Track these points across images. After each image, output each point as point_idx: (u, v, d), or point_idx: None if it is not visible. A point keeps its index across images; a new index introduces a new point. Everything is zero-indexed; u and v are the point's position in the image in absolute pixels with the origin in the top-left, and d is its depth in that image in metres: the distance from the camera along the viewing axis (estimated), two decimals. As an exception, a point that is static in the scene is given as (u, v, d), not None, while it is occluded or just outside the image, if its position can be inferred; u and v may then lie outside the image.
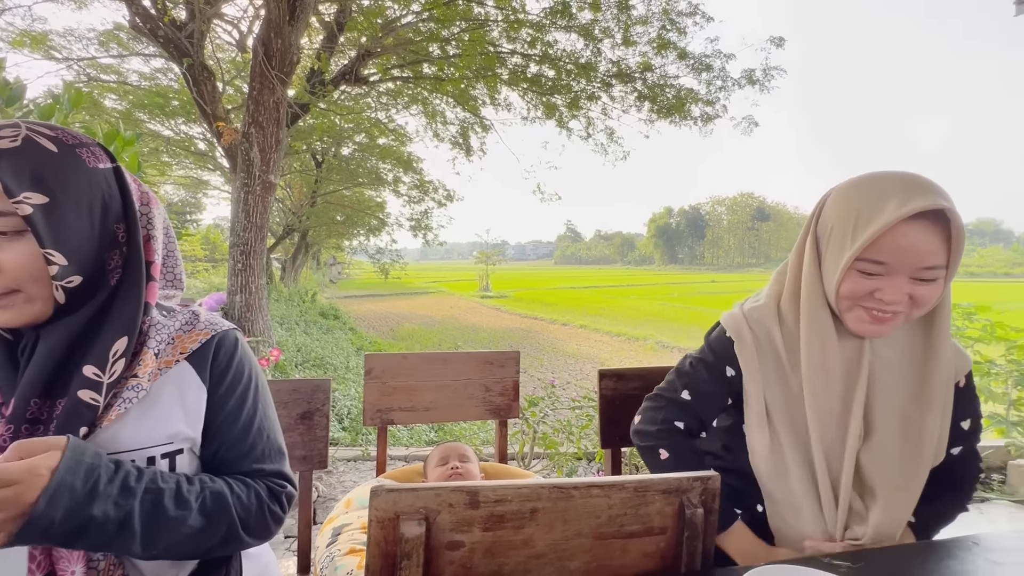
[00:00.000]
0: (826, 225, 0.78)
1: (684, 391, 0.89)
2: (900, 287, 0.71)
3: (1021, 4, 2.75)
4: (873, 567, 0.66)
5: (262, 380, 0.76)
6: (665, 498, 0.62)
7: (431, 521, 0.53)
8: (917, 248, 0.69)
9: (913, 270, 0.71)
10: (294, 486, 0.72)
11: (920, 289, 0.72)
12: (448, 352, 1.41)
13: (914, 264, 0.70)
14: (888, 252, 0.71)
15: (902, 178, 0.72)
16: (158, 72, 10.02)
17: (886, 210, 0.69)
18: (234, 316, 5.78)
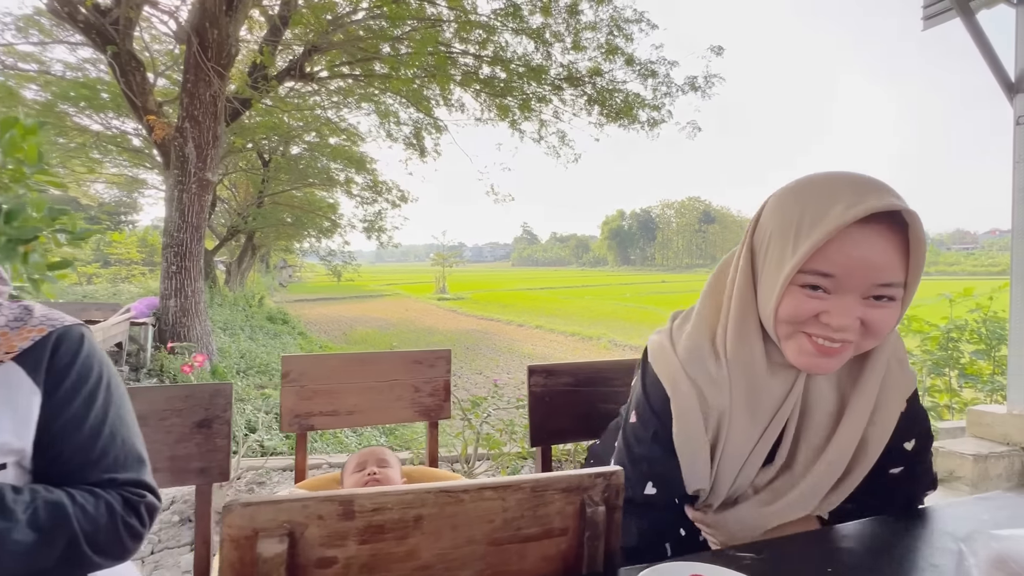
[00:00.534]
0: (763, 235, 0.66)
1: (648, 484, 0.72)
2: (850, 308, 0.59)
3: (929, 20, 2.95)
4: (776, 557, 0.65)
5: (116, 381, 0.68)
6: (565, 497, 0.59)
7: (296, 536, 0.48)
8: (870, 260, 0.57)
9: (866, 287, 0.59)
10: (157, 496, 0.65)
11: (874, 313, 0.59)
12: (373, 352, 1.35)
13: (867, 279, 0.58)
14: (837, 263, 0.58)
15: (851, 178, 0.60)
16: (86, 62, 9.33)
17: (833, 212, 0.58)
18: (168, 321, 5.43)
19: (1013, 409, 2.73)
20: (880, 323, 0.60)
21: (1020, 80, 2.65)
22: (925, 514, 0.76)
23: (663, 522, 0.74)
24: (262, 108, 8.92)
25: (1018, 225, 2.66)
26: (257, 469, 2.59)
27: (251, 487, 2.40)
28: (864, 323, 0.60)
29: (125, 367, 4.79)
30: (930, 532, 0.70)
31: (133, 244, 16.53)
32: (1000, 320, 3.90)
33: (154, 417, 0.93)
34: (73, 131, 10.21)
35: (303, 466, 1.27)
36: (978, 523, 0.73)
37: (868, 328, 0.60)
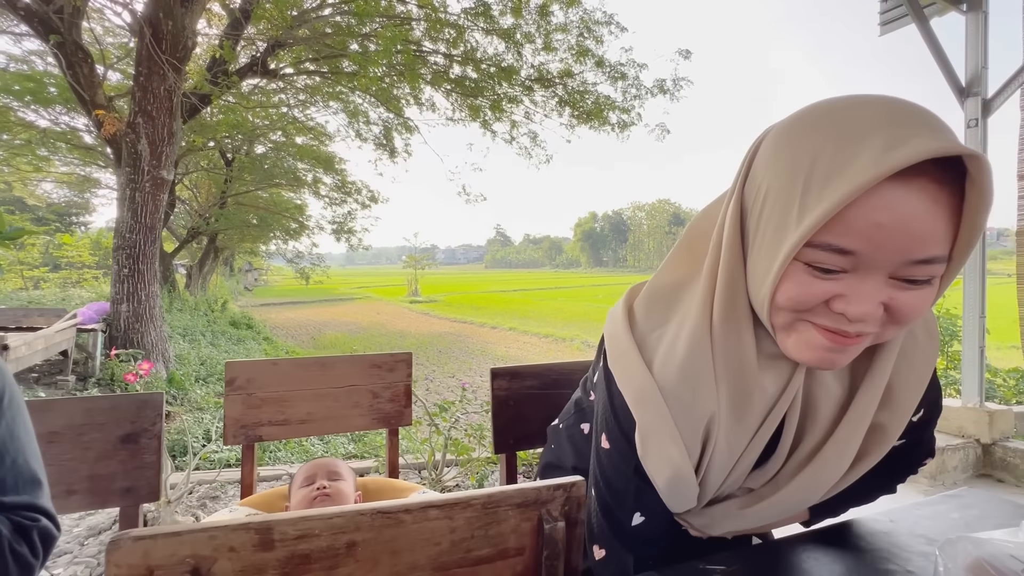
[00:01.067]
0: (757, 190, 0.48)
1: (636, 515, 0.60)
2: (874, 293, 0.43)
3: (885, 25, 3.05)
4: (748, 569, 0.61)
5: (12, 394, 0.60)
6: (521, 513, 0.54)
7: (203, 573, 0.41)
8: (909, 228, 0.40)
9: (897, 264, 0.42)
10: (54, 522, 0.58)
11: (903, 297, 0.44)
12: (328, 356, 1.27)
13: (901, 255, 0.42)
14: (862, 235, 0.41)
15: (889, 108, 0.42)
16: (32, 54, 8.83)
17: (860, 161, 0.40)
18: (119, 327, 5.14)
19: (967, 403, 2.83)
20: (910, 309, 0.44)
21: (970, 85, 2.75)
22: (896, 517, 0.73)
23: (656, 547, 0.63)
24: (223, 105, 8.61)
25: (969, 225, 2.76)
26: (210, 483, 2.45)
27: (203, 502, 2.26)
28: (889, 309, 0.44)
29: (71, 376, 4.50)
30: (903, 536, 0.68)
31: (85, 246, 15.71)
32: (953, 317, 4.06)
33: (71, 432, 0.84)
34: (17, 127, 9.62)
35: (250, 480, 1.18)
36: (949, 523, 0.71)
37: (893, 315, 0.45)
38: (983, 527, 0.67)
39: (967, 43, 2.79)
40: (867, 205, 0.40)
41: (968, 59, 2.77)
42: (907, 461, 0.69)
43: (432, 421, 2.59)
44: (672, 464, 0.56)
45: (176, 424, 3.44)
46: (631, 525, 0.60)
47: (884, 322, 0.46)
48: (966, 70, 2.77)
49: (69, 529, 2.06)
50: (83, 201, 18.21)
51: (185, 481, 2.10)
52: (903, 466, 0.70)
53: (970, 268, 2.75)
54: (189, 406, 4.42)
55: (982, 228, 0.42)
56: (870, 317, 0.44)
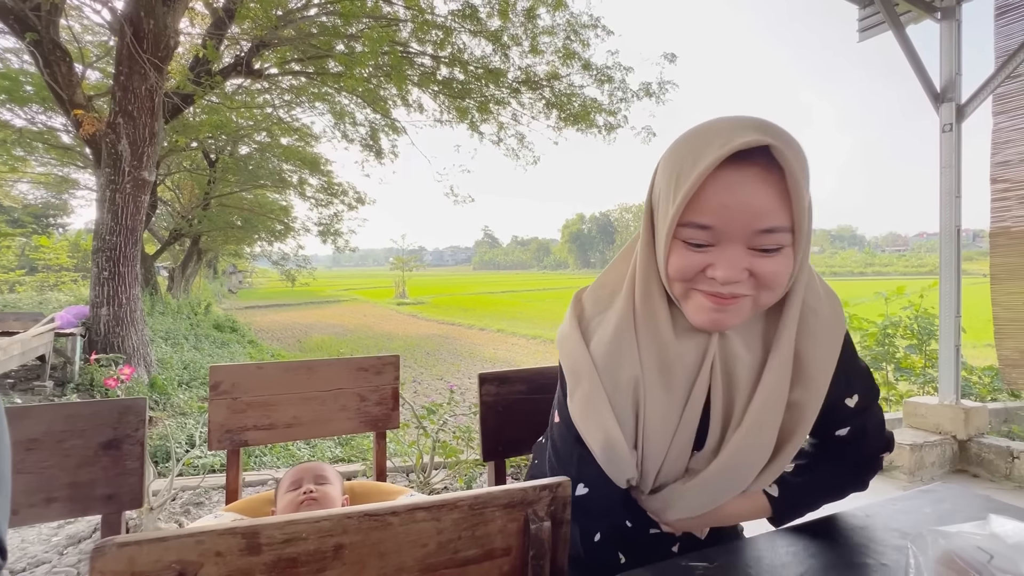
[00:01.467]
0: (656, 192, 0.61)
1: (579, 486, 0.67)
2: (736, 260, 0.55)
3: (864, 32, 3.12)
4: (728, 564, 0.63)
5: None
6: (508, 513, 0.54)
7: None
8: (747, 203, 0.53)
9: (749, 235, 0.54)
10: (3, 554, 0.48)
11: (763, 263, 0.55)
12: (314, 360, 1.26)
13: (748, 226, 0.54)
14: (713, 211, 0.54)
15: (730, 119, 0.55)
16: (8, 52, 8.61)
17: (705, 154, 0.53)
18: (99, 331, 5.04)
19: (944, 400, 2.90)
20: (771, 274, 0.56)
21: (945, 90, 2.83)
22: (872, 511, 0.76)
23: (603, 524, 0.69)
24: (207, 105, 8.50)
25: (945, 227, 2.83)
26: (194, 489, 2.41)
27: (187, 509, 2.23)
28: (754, 274, 0.56)
29: (49, 382, 4.40)
30: (878, 530, 0.70)
31: (63, 249, 15.35)
32: (930, 316, 4.16)
33: (51, 439, 0.82)
34: (-9, 125, 9.39)
35: (236, 486, 1.16)
36: (922, 517, 0.73)
37: (759, 279, 0.56)
38: (954, 520, 0.69)
39: (941, 50, 2.86)
40: (714, 188, 0.54)
41: (943, 66, 2.84)
42: (861, 452, 0.72)
43: (420, 424, 2.59)
44: (604, 429, 0.63)
45: (159, 429, 3.38)
46: (575, 495, 0.66)
47: (755, 286, 0.57)
48: (941, 76, 2.85)
49: (47, 538, 2.02)
50: (61, 202, 17.79)
51: (168, 487, 2.07)
52: (861, 459, 0.73)
53: (946, 269, 2.83)
54: (172, 411, 4.35)
55: (802, 201, 0.54)
56: (735, 279, 0.55)
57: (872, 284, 7.23)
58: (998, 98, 2.84)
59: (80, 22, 7.81)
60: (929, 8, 2.87)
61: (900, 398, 3.95)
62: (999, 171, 2.87)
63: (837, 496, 0.74)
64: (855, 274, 69.18)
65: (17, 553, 1.92)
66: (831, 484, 0.74)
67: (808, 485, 0.72)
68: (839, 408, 0.69)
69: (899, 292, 4.42)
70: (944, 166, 2.83)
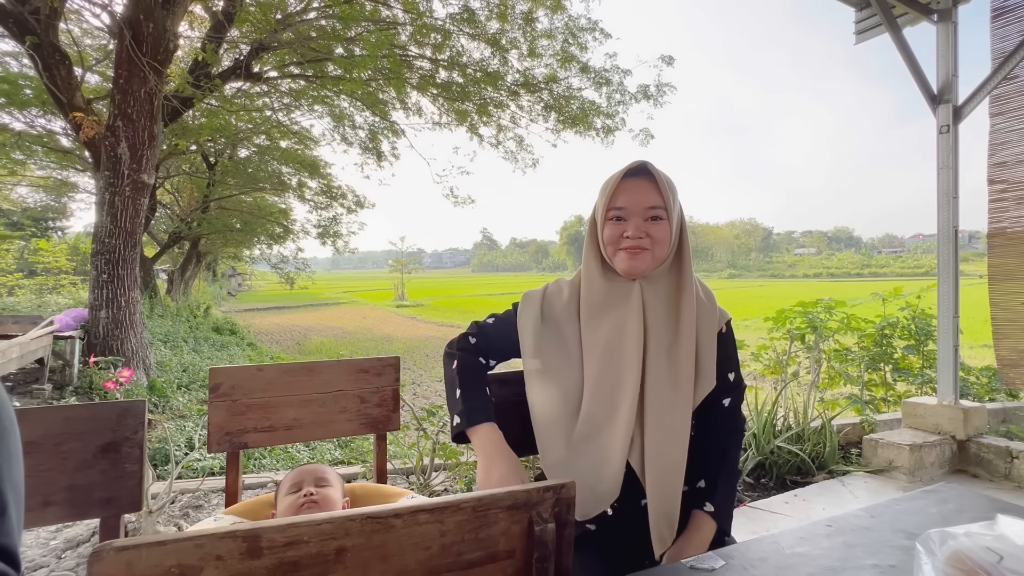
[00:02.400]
0: (596, 205, 0.97)
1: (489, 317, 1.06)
2: (638, 226, 0.89)
3: (860, 34, 3.13)
4: (735, 566, 0.62)
5: None
6: (511, 515, 0.54)
7: (189, 582, 0.40)
8: (638, 194, 0.90)
9: (642, 211, 0.89)
10: (14, 562, 0.46)
11: (653, 228, 0.89)
12: (314, 362, 1.25)
13: (641, 206, 0.89)
14: (622, 200, 0.91)
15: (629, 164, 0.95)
16: (7, 55, 8.61)
17: (617, 174, 0.93)
18: (98, 334, 5.02)
19: (942, 400, 2.90)
20: (658, 232, 0.90)
21: (942, 92, 2.83)
22: (876, 512, 0.75)
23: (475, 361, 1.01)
24: (206, 108, 8.49)
25: (942, 227, 2.84)
26: (193, 491, 2.40)
27: (186, 512, 2.21)
28: (649, 235, 0.89)
29: (48, 385, 4.38)
30: (884, 531, 0.70)
31: (62, 252, 15.32)
32: (928, 317, 4.16)
33: (48, 442, 0.82)
34: (-9, 129, 9.37)
35: (235, 488, 1.16)
36: (927, 518, 0.73)
37: (653, 238, 0.89)
38: (960, 521, 0.69)
39: (938, 52, 2.87)
40: (621, 189, 0.92)
41: (939, 67, 2.85)
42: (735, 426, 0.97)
43: (420, 426, 2.58)
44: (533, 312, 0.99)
45: (158, 432, 3.37)
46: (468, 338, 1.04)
47: (651, 243, 0.90)
48: (937, 78, 2.86)
49: (46, 542, 2.00)
50: (60, 205, 17.75)
51: (167, 490, 2.06)
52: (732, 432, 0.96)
53: (943, 269, 2.83)
54: (171, 414, 4.33)
55: (668, 194, 0.90)
56: (639, 236, 0.89)
57: (869, 285, 7.21)
58: (995, 99, 2.84)
59: (79, 26, 7.82)
60: (925, 10, 2.88)
61: (898, 398, 3.95)
62: (996, 172, 2.88)
63: (736, 467, 0.96)
64: (852, 275, 69.28)
65: (14, 558, 1.91)
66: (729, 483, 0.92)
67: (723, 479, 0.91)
68: (723, 379, 0.94)
69: (896, 293, 4.43)
70: (941, 167, 2.83)
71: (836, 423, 3.08)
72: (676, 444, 0.86)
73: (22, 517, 0.49)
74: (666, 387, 0.88)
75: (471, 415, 0.90)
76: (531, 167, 7.83)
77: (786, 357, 4.08)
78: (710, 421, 0.93)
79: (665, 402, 0.87)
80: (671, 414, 0.87)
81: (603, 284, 0.94)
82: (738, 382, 0.98)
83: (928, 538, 0.51)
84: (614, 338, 0.91)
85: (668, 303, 0.92)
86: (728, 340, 0.96)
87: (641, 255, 0.89)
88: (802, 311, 4.09)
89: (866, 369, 4.12)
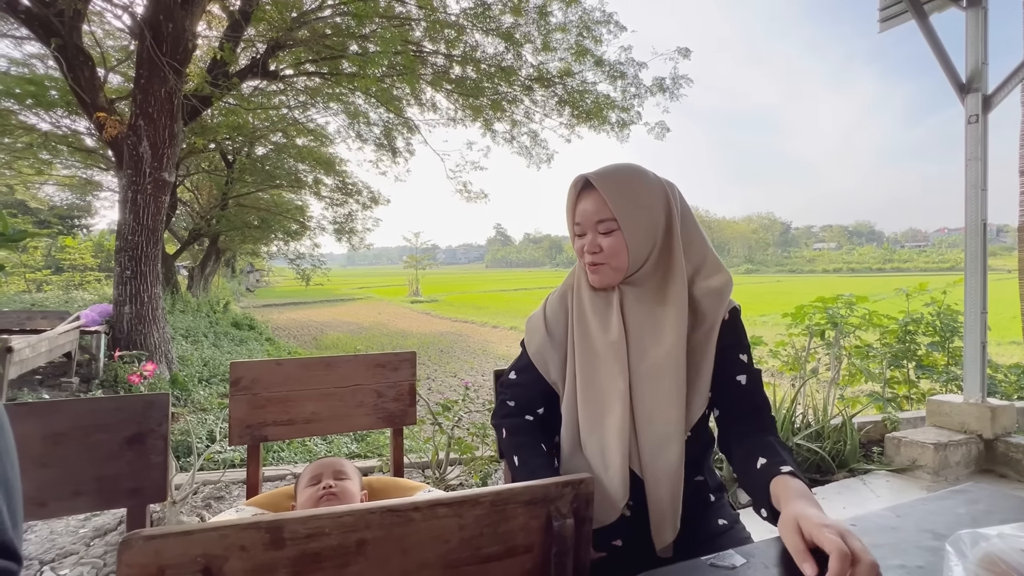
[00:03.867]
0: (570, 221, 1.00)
1: (511, 372, 1.03)
2: (593, 240, 0.90)
3: (885, 22, 3.04)
4: (756, 564, 0.61)
5: None
6: (529, 510, 0.54)
7: (214, 572, 0.41)
8: (587, 210, 0.90)
9: (594, 225, 0.90)
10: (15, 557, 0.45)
11: (605, 240, 0.89)
12: (332, 356, 1.27)
13: (591, 220, 0.89)
14: (578, 215, 0.92)
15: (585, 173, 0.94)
16: (33, 57, 8.82)
17: (572, 191, 0.94)
18: (122, 329, 5.15)
19: (969, 398, 2.82)
20: (609, 246, 0.89)
21: (971, 80, 2.74)
22: (902, 512, 0.73)
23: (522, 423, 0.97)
24: (224, 107, 8.61)
25: (970, 220, 2.75)
26: (215, 483, 2.45)
27: (208, 502, 2.27)
28: (602, 248, 0.89)
29: (75, 378, 4.51)
30: (910, 531, 0.68)
31: (87, 249, 15.70)
32: (953, 313, 4.05)
33: (78, 433, 0.84)
34: (19, 130, 9.62)
35: (256, 480, 1.18)
36: (956, 518, 0.71)
37: (606, 250, 0.89)
38: (991, 522, 0.67)
39: (967, 39, 2.78)
40: (577, 205, 0.92)
41: (968, 55, 2.76)
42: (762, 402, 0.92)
43: (435, 420, 2.59)
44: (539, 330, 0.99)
45: (180, 425, 3.45)
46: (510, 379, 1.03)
47: (606, 256, 0.89)
48: (966, 66, 2.76)
49: (75, 530, 2.07)
50: (85, 204, 18.21)
51: (190, 481, 2.10)
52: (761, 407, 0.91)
53: (971, 263, 2.75)
54: (192, 407, 4.43)
55: (618, 206, 0.87)
56: (593, 251, 0.90)
57: (892, 281, 7.06)
58: (1028, 87, 2.75)
59: (102, 27, 7.98)
60: (955, -4, 2.79)
61: (922, 396, 3.86)
62: (1029, 163, 2.78)
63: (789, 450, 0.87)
64: (873, 271, 67.71)
65: (46, 544, 1.97)
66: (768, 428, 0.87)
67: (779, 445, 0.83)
68: (735, 360, 0.91)
69: (921, 288, 4.31)
70: (969, 158, 2.74)
71: (857, 421, 3.02)
72: (670, 444, 0.85)
73: (17, 511, 0.48)
74: (653, 388, 0.86)
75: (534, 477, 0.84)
76: (545, 163, 7.79)
77: (805, 354, 4.02)
78: (731, 401, 0.90)
79: (655, 403, 0.86)
80: (663, 415, 0.85)
81: (588, 292, 0.95)
82: (751, 363, 0.94)
83: (959, 539, 0.50)
84: (598, 344, 0.91)
85: (651, 304, 0.90)
86: (734, 325, 0.93)
87: (600, 269, 0.90)
88: (822, 307, 4.01)
89: (888, 366, 4.03)
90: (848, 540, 0.57)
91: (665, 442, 0.85)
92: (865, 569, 0.54)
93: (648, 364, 0.87)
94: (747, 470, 0.80)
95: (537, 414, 0.98)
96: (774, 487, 0.73)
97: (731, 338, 0.91)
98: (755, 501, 0.77)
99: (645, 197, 0.88)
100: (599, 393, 0.89)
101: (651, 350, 0.88)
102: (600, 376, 0.89)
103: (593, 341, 0.91)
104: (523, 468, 0.89)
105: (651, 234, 0.88)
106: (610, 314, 0.91)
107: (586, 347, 0.92)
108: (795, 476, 0.73)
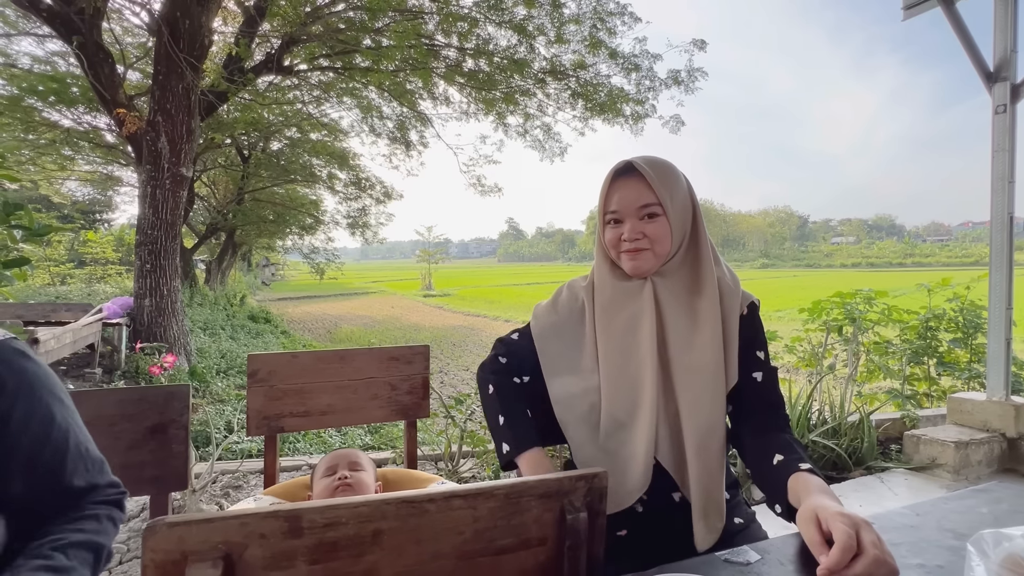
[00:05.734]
0: (597, 208, 0.98)
1: (514, 333, 1.05)
2: (633, 227, 0.88)
3: (909, 9, 2.95)
4: (772, 560, 0.61)
5: (60, 387, 0.66)
6: (543, 503, 0.54)
7: (234, 559, 0.42)
8: (628, 195, 0.88)
9: (635, 211, 0.87)
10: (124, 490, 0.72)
11: (649, 226, 0.87)
12: (347, 349, 1.28)
13: (633, 206, 0.87)
14: (615, 203, 0.90)
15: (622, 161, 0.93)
16: (55, 55, 9.00)
17: (606, 177, 0.93)
18: (143, 321, 5.27)
19: (992, 396, 2.76)
20: (654, 231, 0.87)
21: (999, 69, 2.66)
22: (922, 511, 0.72)
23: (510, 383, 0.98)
24: (240, 102, 8.70)
25: (997, 213, 2.68)
26: (233, 472, 2.50)
27: (227, 491, 2.32)
28: (646, 234, 0.87)
29: (98, 369, 4.63)
30: (930, 530, 0.67)
31: (108, 243, 16.06)
32: (977, 308, 3.95)
33: (103, 423, 0.86)
34: (42, 127, 9.84)
35: (273, 470, 1.20)
36: (978, 518, 0.70)
37: (650, 237, 0.87)
38: (1014, 522, 0.66)
39: (995, 26, 2.69)
40: (612, 192, 0.91)
41: (996, 43, 2.67)
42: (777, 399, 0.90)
43: (448, 413, 2.61)
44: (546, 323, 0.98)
45: (199, 415, 3.53)
46: (509, 337, 1.05)
47: (650, 242, 0.88)
48: (994, 54, 2.68)
49: (99, 517, 2.13)
50: (106, 199, 18.60)
51: (209, 471, 2.15)
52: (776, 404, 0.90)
53: (997, 257, 2.68)
54: (211, 398, 4.52)
55: (665, 189, 0.86)
56: (635, 238, 0.87)
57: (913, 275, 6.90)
58: (1059, 76, 2.65)
59: (120, 24, 8.09)
60: (983, -19, 2.70)
61: (942, 394, 3.78)
62: (1059, 154, 2.69)
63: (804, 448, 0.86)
64: (893, 265, 66.31)
65: (72, 530, 2.03)
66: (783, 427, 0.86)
67: (795, 442, 0.82)
68: (753, 357, 0.90)
69: (944, 284, 4.21)
70: (996, 149, 2.67)
71: (875, 418, 2.97)
72: (713, 435, 0.83)
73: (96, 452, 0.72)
74: (696, 380, 0.85)
75: (519, 442, 0.88)
76: (558, 156, 7.75)
77: (822, 349, 3.96)
78: (746, 397, 0.89)
79: (697, 393, 0.84)
80: (706, 406, 0.84)
81: (614, 284, 0.92)
82: (768, 359, 0.93)
83: (981, 539, 0.49)
84: (628, 337, 0.89)
85: (685, 294, 0.90)
86: (752, 321, 0.92)
87: (642, 255, 0.88)
88: (840, 302, 3.95)
89: (908, 363, 3.96)
90: (862, 532, 0.56)
91: (709, 433, 0.83)
92: (866, 563, 0.53)
93: (691, 355, 0.86)
94: (762, 466, 0.80)
95: (524, 380, 0.99)
96: (793, 483, 0.72)
97: (749, 333, 0.90)
98: (770, 498, 0.77)
99: (681, 185, 0.89)
100: (628, 386, 0.87)
101: (693, 340, 0.86)
102: (629, 369, 0.87)
103: (621, 332, 0.89)
104: (509, 428, 0.89)
105: (685, 222, 0.89)
106: (641, 305, 0.89)
107: (611, 338, 0.90)
108: (814, 473, 0.73)
